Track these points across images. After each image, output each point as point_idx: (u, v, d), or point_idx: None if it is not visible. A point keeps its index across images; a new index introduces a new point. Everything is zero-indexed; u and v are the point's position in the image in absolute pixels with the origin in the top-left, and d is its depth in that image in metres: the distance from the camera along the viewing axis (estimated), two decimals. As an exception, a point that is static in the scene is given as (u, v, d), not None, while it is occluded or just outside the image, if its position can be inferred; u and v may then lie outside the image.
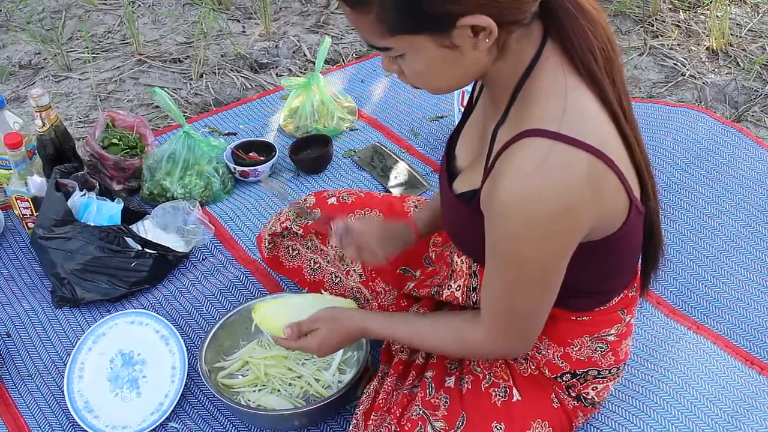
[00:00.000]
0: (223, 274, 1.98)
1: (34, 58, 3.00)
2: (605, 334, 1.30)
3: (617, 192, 1.07)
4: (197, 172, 2.20)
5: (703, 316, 1.87)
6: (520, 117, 1.06)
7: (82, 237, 1.88)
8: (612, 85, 1.06)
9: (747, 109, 2.65)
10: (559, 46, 1.06)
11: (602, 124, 1.05)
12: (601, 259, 1.15)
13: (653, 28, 3.13)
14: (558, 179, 0.99)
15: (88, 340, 1.74)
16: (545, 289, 1.12)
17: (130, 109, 2.71)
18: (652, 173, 1.15)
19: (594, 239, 1.10)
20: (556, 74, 1.05)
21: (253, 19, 3.28)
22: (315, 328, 1.35)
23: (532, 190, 1.00)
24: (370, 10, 0.99)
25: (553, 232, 1.03)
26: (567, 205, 1.01)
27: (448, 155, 1.30)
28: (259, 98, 2.72)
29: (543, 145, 1.00)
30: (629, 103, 1.10)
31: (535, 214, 1.01)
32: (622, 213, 1.10)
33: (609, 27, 1.07)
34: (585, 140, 1.00)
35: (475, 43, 1.01)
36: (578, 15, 1.03)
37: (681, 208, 2.17)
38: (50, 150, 2.09)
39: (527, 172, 1.00)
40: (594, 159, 1.01)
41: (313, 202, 1.67)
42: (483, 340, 1.22)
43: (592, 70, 1.04)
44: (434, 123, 2.55)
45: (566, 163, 0.99)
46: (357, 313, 1.37)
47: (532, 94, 1.06)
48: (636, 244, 1.22)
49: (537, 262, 1.08)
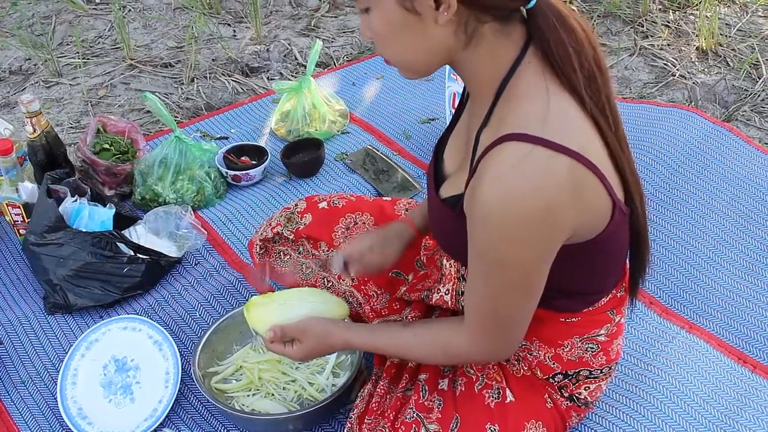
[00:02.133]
0: (215, 279, 1.98)
1: (24, 63, 3.00)
2: (595, 334, 1.30)
3: (599, 195, 1.07)
4: (189, 176, 2.20)
5: (695, 315, 1.88)
6: (501, 120, 1.06)
7: (74, 243, 1.88)
8: (596, 100, 1.06)
9: (737, 109, 2.66)
10: (541, 53, 1.06)
11: (583, 128, 1.05)
12: (587, 261, 1.16)
13: (643, 28, 3.15)
14: (537, 183, 1.00)
15: (81, 347, 1.74)
16: (528, 292, 1.13)
17: (121, 114, 2.71)
18: (638, 178, 1.16)
19: (578, 241, 1.10)
20: (537, 79, 1.06)
21: (244, 23, 3.28)
22: (300, 338, 1.34)
23: (511, 194, 1.00)
24: None
25: (534, 236, 1.04)
26: (547, 208, 1.01)
27: (436, 159, 1.30)
28: (250, 102, 2.72)
29: (523, 149, 1.00)
30: (617, 119, 1.10)
31: (515, 218, 1.01)
32: (605, 215, 1.10)
33: (597, 46, 1.08)
34: (566, 144, 1.00)
35: (436, 16, 1.02)
36: (561, 31, 1.04)
37: (672, 208, 2.17)
38: (41, 156, 2.08)
39: (506, 176, 1.00)
40: (574, 162, 1.01)
41: (304, 207, 1.67)
42: (467, 345, 1.22)
43: (571, 81, 1.05)
44: (426, 125, 2.55)
45: (545, 167, 1.00)
46: (343, 327, 1.35)
47: (513, 97, 1.07)
48: (622, 245, 1.22)
49: (518, 266, 1.08)
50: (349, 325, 1.38)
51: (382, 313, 1.62)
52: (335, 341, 1.34)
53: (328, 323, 1.36)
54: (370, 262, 1.47)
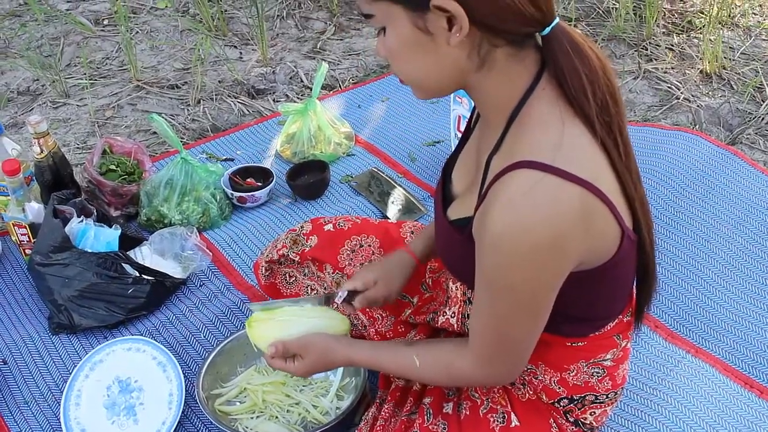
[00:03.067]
0: (220, 300, 1.98)
1: (32, 84, 3.02)
2: (601, 359, 1.30)
3: (608, 224, 1.07)
4: (195, 198, 2.20)
5: (701, 339, 1.87)
6: (513, 146, 1.07)
7: (80, 263, 1.88)
8: (608, 130, 1.06)
9: (741, 132, 2.66)
10: (555, 82, 1.06)
11: (595, 157, 1.05)
12: (594, 287, 1.16)
13: (647, 51, 3.16)
14: (547, 211, 1.00)
15: (85, 367, 1.73)
16: (535, 318, 1.12)
17: (127, 136, 2.72)
18: (648, 208, 1.16)
19: (586, 268, 1.10)
20: (550, 107, 1.06)
21: (250, 45, 3.30)
22: (302, 354, 1.34)
23: (521, 221, 1.00)
24: None
25: (543, 263, 1.04)
26: (556, 236, 1.01)
27: (444, 180, 1.30)
28: (256, 124, 2.73)
29: (534, 176, 1.00)
30: (629, 150, 1.10)
31: (524, 246, 1.01)
32: (614, 243, 1.10)
33: (612, 76, 1.08)
34: (576, 173, 1.00)
35: (449, 38, 1.03)
36: (575, 59, 1.04)
37: (677, 231, 2.17)
38: (48, 176, 2.09)
39: (518, 204, 1.00)
40: (584, 191, 1.01)
41: (310, 229, 1.67)
42: (470, 368, 1.21)
43: (584, 110, 1.05)
44: (431, 148, 2.56)
45: (556, 195, 1.00)
46: (345, 344, 1.35)
47: (526, 124, 1.07)
48: (629, 272, 1.22)
49: (526, 292, 1.08)
50: (351, 341, 1.37)
51: (387, 335, 1.62)
52: (337, 357, 1.33)
53: (329, 339, 1.35)
54: (375, 295, 1.46)
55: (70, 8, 3.60)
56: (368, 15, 1.08)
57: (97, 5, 3.62)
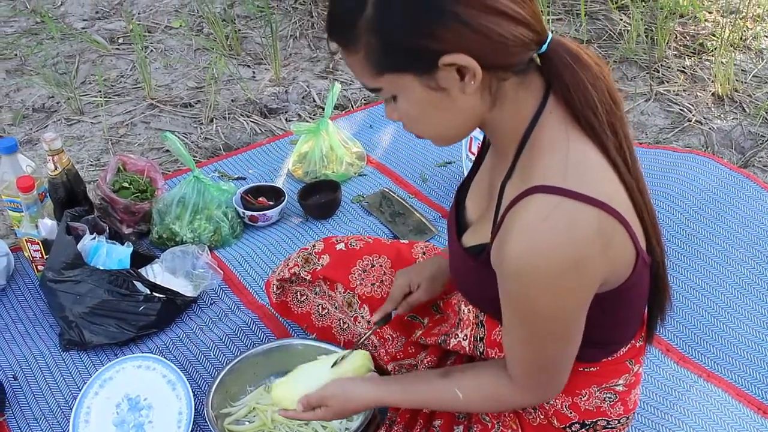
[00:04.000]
0: (231, 319, 1.98)
1: (47, 101, 3.05)
2: (613, 384, 1.29)
3: (625, 244, 1.07)
4: (206, 216, 2.21)
5: (713, 363, 1.86)
6: (526, 172, 1.07)
7: (91, 280, 1.89)
8: (614, 138, 1.06)
9: (754, 155, 2.66)
10: (562, 100, 1.07)
11: (606, 175, 1.05)
12: (607, 311, 1.15)
13: (659, 74, 3.16)
14: (567, 235, 1.00)
15: (95, 384, 1.74)
16: (568, 339, 1.12)
17: (141, 153, 2.74)
18: (657, 223, 1.15)
19: (601, 291, 1.10)
20: (559, 128, 1.06)
21: (264, 64, 3.32)
22: (324, 405, 1.33)
23: (541, 248, 1.00)
24: (359, 49, 1.03)
25: (567, 287, 1.04)
26: (577, 260, 1.01)
27: (457, 207, 1.30)
28: (268, 143, 2.74)
29: (550, 201, 1.00)
30: (633, 155, 1.11)
31: (547, 272, 1.01)
32: (630, 265, 1.10)
33: (612, 82, 1.08)
34: (591, 194, 1.00)
35: (463, 87, 1.03)
36: (578, 69, 1.04)
37: (689, 254, 2.16)
38: (61, 193, 2.10)
39: (536, 229, 1.00)
40: (603, 213, 1.01)
41: (322, 248, 1.67)
42: (518, 396, 1.21)
43: (591, 124, 1.05)
44: (442, 169, 2.57)
45: (574, 219, 1.00)
46: (371, 386, 1.33)
47: (536, 148, 1.07)
48: (642, 295, 1.21)
49: (555, 317, 1.08)
50: (378, 381, 1.36)
51: (398, 356, 1.62)
52: (362, 400, 1.32)
53: (351, 385, 1.34)
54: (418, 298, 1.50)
55: (86, 27, 3.63)
56: (375, 89, 1.07)
57: (113, 24, 3.66)
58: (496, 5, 0.98)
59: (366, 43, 1.02)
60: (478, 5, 0.98)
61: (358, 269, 1.64)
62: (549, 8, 3.57)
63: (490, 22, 0.98)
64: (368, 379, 1.37)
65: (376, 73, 1.05)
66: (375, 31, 1.00)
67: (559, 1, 3.68)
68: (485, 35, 0.98)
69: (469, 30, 0.98)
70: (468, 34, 0.98)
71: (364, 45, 1.02)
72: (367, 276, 1.63)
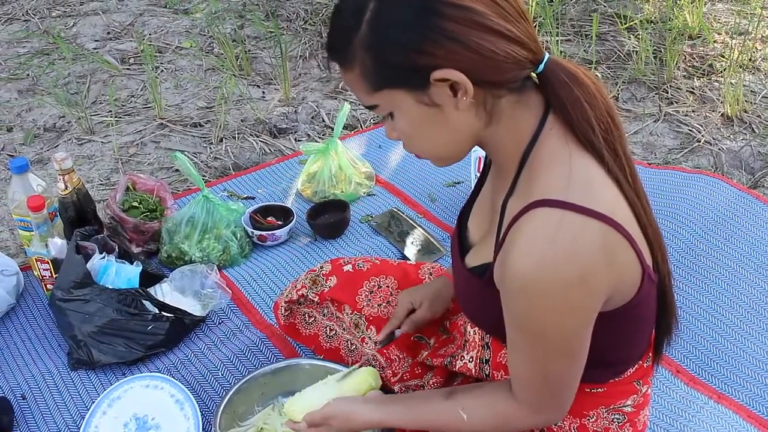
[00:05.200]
0: (239, 339, 1.98)
1: (58, 121, 3.07)
2: (621, 405, 1.28)
3: (630, 259, 1.06)
4: (215, 235, 2.22)
5: (724, 385, 1.84)
6: (527, 188, 1.07)
7: (100, 300, 1.89)
8: (614, 154, 1.07)
9: (763, 176, 2.65)
10: (561, 118, 1.07)
11: (609, 190, 1.05)
12: (615, 330, 1.15)
13: (668, 94, 3.17)
14: (570, 249, 0.99)
15: (103, 404, 1.74)
16: (573, 356, 1.11)
17: (150, 173, 2.75)
18: (662, 241, 1.15)
19: (608, 309, 1.10)
20: (559, 145, 1.06)
21: (273, 84, 3.34)
22: (327, 423, 1.34)
23: (545, 262, 1.00)
24: (355, 66, 1.06)
25: (572, 302, 1.03)
26: (582, 273, 1.00)
27: (459, 228, 1.30)
28: (277, 163, 2.76)
29: (553, 215, 1.00)
30: (634, 172, 1.11)
31: (552, 286, 1.01)
32: (636, 281, 1.09)
33: (608, 98, 1.09)
34: (594, 208, 1.00)
35: (456, 103, 1.04)
36: (574, 87, 1.05)
37: (699, 275, 2.16)
38: (72, 213, 2.11)
39: (539, 244, 1.00)
40: (606, 227, 1.01)
41: (329, 269, 1.67)
42: (524, 415, 1.20)
43: (591, 141, 1.05)
44: (451, 189, 2.57)
45: (578, 232, 1.00)
46: (373, 406, 1.34)
47: (537, 165, 1.07)
48: (650, 314, 1.20)
49: (559, 333, 1.07)
50: (381, 401, 1.36)
51: (404, 377, 1.61)
52: (362, 421, 1.32)
53: (353, 404, 1.35)
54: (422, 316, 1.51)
55: (98, 47, 3.67)
56: (372, 106, 1.10)
57: (124, 44, 3.69)
58: (486, 22, 1.00)
59: (361, 61, 1.04)
60: (468, 22, 0.99)
61: (365, 290, 1.64)
62: (558, 29, 3.59)
63: (481, 39, 1.00)
64: (372, 399, 1.37)
65: (371, 90, 1.07)
66: (369, 49, 1.03)
67: (569, 23, 3.70)
68: (475, 51, 1.00)
69: (460, 46, 1.00)
70: (458, 50, 1.00)
71: (359, 63, 1.05)
72: (373, 297, 1.63)
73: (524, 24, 1.04)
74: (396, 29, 1.01)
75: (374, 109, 1.10)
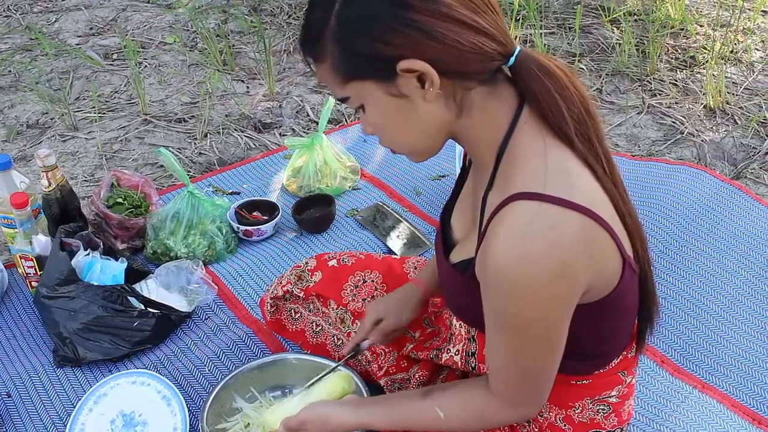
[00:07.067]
0: (225, 334, 1.98)
1: (41, 117, 3.05)
2: (606, 396, 1.29)
3: (610, 250, 1.07)
4: (201, 231, 2.21)
5: (708, 374, 1.86)
6: (505, 181, 1.07)
7: (86, 296, 1.89)
8: (589, 144, 1.07)
9: (746, 167, 2.67)
10: (535, 110, 1.08)
11: (586, 181, 1.06)
12: (598, 321, 1.15)
13: (651, 86, 3.18)
14: (548, 240, 1.00)
15: (89, 401, 1.73)
16: (551, 348, 1.12)
17: (135, 169, 2.74)
18: (642, 230, 1.15)
19: (589, 301, 1.10)
20: (535, 137, 1.07)
21: (257, 79, 3.33)
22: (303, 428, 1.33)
23: (523, 254, 1.00)
24: (326, 59, 1.07)
25: (551, 294, 1.03)
26: (561, 264, 1.01)
27: (443, 226, 1.31)
28: (262, 158, 2.75)
29: (531, 207, 1.01)
30: (611, 162, 1.11)
31: (530, 278, 1.01)
32: (616, 272, 1.10)
33: (583, 89, 1.09)
34: (572, 199, 1.01)
35: (424, 94, 1.05)
36: (545, 79, 1.05)
37: (682, 266, 2.17)
38: (55, 209, 2.10)
39: (517, 236, 1.01)
40: (585, 218, 1.02)
41: (314, 265, 1.68)
42: (501, 409, 1.20)
43: (565, 132, 1.06)
44: (436, 182, 2.58)
45: (556, 223, 1.00)
46: (350, 408, 1.33)
47: (514, 158, 1.08)
48: (632, 305, 1.21)
49: (538, 325, 1.07)
50: (358, 402, 1.36)
51: (390, 371, 1.62)
52: (339, 425, 1.31)
53: (328, 407, 1.35)
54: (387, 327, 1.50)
55: (80, 43, 3.65)
56: (344, 98, 1.11)
57: (107, 40, 3.67)
58: (452, 13, 1.00)
59: (331, 53, 1.05)
60: (433, 13, 1.00)
61: (350, 285, 1.64)
62: (541, 22, 3.60)
63: (446, 30, 1.00)
64: (348, 402, 1.37)
65: (341, 82, 1.08)
66: (337, 40, 1.04)
67: (552, 16, 3.71)
68: (440, 41, 1.01)
69: (424, 36, 1.00)
70: (423, 40, 1.00)
71: (330, 54, 1.06)
72: (359, 292, 1.63)
73: (492, 16, 1.04)
74: (362, 20, 1.02)
75: (346, 101, 1.11)
